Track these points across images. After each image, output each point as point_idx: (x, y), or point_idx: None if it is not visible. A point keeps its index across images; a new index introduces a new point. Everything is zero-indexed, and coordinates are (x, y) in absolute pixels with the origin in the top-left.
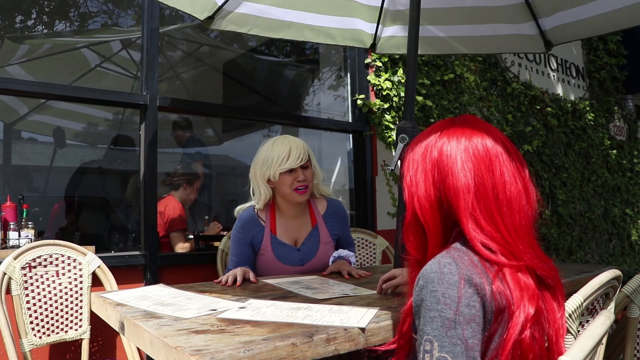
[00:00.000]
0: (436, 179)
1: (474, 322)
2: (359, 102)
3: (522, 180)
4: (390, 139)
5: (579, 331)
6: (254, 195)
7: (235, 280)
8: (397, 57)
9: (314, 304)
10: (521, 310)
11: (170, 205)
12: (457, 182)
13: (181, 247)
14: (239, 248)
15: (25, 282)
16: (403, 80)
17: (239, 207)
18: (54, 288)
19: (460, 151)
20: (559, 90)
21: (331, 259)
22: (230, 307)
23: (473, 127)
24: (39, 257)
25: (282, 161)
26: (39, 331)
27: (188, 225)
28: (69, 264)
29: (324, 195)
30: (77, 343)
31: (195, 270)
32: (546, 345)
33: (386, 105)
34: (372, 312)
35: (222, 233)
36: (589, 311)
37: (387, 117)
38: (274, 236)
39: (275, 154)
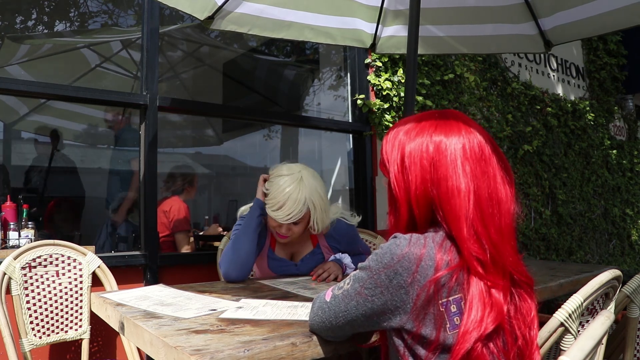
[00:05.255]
0: (433, 176)
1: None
2: (359, 102)
3: (509, 180)
4: None
5: (579, 331)
6: None
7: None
8: (397, 57)
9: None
10: (475, 332)
11: (175, 206)
12: (456, 184)
13: (186, 249)
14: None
15: (25, 282)
16: (403, 80)
17: (243, 208)
18: (54, 288)
19: (458, 151)
20: (559, 90)
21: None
22: (230, 307)
23: (466, 123)
24: (39, 257)
25: (273, 206)
26: (39, 331)
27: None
28: (69, 264)
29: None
30: (77, 343)
31: (195, 270)
32: (519, 344)
33: (386, 105)
34: None
35: (222, 233)
36: (589, 311)
37: (387, 117)
38: (271, 251)
39: (274, 193)
